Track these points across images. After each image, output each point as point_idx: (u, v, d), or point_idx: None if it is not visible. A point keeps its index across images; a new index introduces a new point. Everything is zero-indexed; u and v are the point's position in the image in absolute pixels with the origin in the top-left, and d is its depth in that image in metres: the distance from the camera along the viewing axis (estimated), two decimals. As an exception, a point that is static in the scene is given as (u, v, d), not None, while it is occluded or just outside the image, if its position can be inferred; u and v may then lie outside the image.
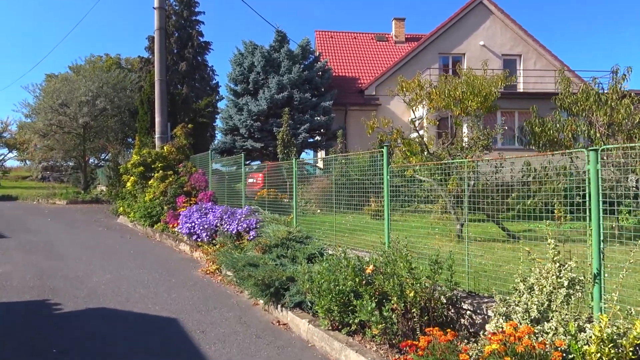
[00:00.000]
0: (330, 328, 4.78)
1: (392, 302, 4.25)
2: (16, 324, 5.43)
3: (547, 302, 3.56)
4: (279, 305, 5.72)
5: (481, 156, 12.36)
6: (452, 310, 4.58)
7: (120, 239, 11.96)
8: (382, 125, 10.18)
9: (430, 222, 9.09)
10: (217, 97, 32.85)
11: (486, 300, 4.47)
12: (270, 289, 5.65)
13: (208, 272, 8.12)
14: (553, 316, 3.45)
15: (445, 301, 4.43)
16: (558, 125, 10.50)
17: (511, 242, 9.09)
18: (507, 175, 11.11)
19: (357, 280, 4.57)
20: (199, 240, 9.55)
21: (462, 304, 4.51)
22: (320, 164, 19.12)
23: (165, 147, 14.78)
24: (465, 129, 16.90)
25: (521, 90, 23.53)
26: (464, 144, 12.18)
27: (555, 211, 10.20)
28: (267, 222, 8.43)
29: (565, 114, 10.82)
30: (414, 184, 9.01)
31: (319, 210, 10.86)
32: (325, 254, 6.79)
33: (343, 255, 4.97)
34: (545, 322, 3.46)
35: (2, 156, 45.89)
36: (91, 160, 33.81)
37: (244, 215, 9.13)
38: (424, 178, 9.29)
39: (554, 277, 3.59)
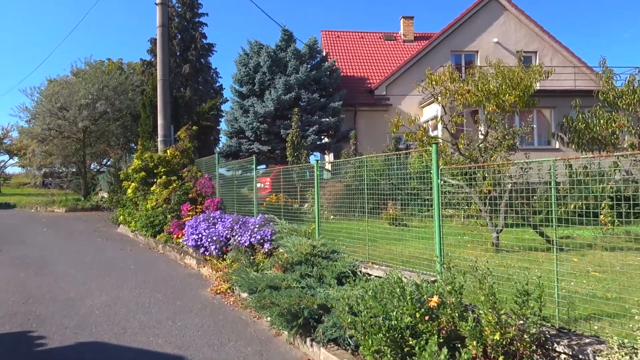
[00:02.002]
0: (379, 374, 3.77)
1: (470, 346, 3.23)
2: (-12, 366, 4.44)
3: None
4: (308, 339, 4.70)
5: (507, 157, 11.38)
6: (539, 352, 3.55)
7: (119, 251, 10.96)
8: (408, 124, 9.17)
9: (455, 228, 8.08)
10: (221, 99, 31.90)
11: (588, 340, 3.43)
12: (298, 319, 4.63)
13: (218, 291, 7.10)
14: None
15: (529, 340, 3.41)
16: (602, 121, 9.50)
17: (554, 251, 8.09)
18: (546, 178, 10.08)
19: (417, 315, 3.55)
20: (207, 254, 8.54)
21: (554, 344, 3.48)
22: (328, 167, 18.15)
23: (168, 151, 13.79)
24: (481, 128, 15.92)
25: (538, 88, 22.55)
26: (487, 144, 11.21)
27: (601, 216, 9.15)
28: (284, 233, 7.42)
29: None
30: (454, 187, 8.01)
31: (332, 217, 9.92)
32: (357, 272, 5.78)
33: (394, 279, 3.95)
34: None
35: (3, 163, 45.12)
36: (93, 166, 32.94)
37: (257, 226, 8.12)
38: (454, 181, 8.28)
39: None
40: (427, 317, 3.56)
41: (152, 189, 13.17)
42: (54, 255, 10.19)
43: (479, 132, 15.16)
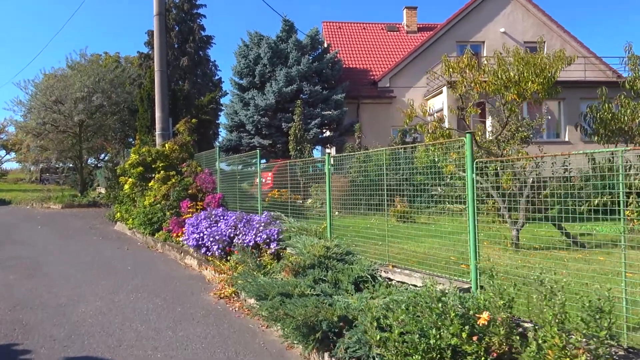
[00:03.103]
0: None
1: (531, 375, 2.69)
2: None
3: None
4: (327, 354, 4.16)
5: (519, 150, 10.84)
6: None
7: (116, 250, 10.40)
8: (423, 115, 8.61)
9: (466, 224, 7.54)
10: (221, 93, 31.25)
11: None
12: (316, 333, 4.08)
13: (222, 296, 6.55)
14: None
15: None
16: (628, 111, 8.95)
17: (575, 249, 7.59)
18: (571, 172, 9.55)
19: (463, 334, 3.01)
20: (209, 254, 7.99)
21: (625, 369, 2.94)
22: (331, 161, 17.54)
23: (166, 145, 13.20)
24: (488, 122, 15.35)
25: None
26: (500, 137, 10.68)
27: (627, 212, 8.59)
28: (292, 232, 6.87)
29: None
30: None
31: (337, 213, 9.39)
32: (377, 277, 5.23)
33: (431, 291, 3.40)
34: None
35: (-1, 158, 44.47)
36: (90, 161, 32.29)
37: (262, 224, 7.57)
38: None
39: None
40: (475, 337, 3.01)
41: (150, 184, 12.60)
42: (47, 256, 9.63)
43: (485, 124, 14.60)
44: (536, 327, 2.91)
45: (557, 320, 2.73)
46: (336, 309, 4.16)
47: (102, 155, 31.48)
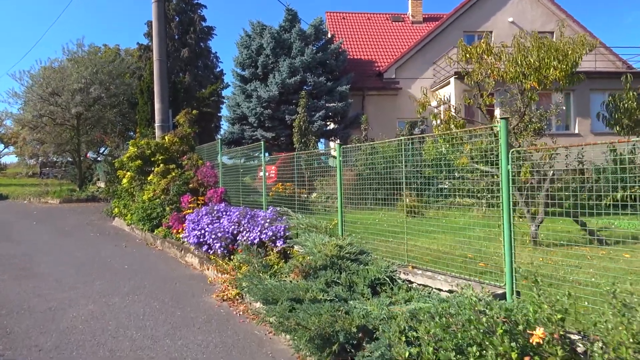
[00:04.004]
0: None
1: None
2: None
3: None
4: (344, 369, 3.69)
5: (533, 142, 10.34)
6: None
7: (114, 247, 9.94)
8: (438, 104, 8.10)
9: (476, 219, 7.06)
10: (222, 85, 30.66)
11: None
12: (332, 345, 3.61)
13: (225, 298, 6.08)
14: None
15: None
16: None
17: (595, 245, 7.12)
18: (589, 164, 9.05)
19: (513, 356, 2.52)
20: (211, 252, 7.51)
21: None
22: (333, 154, 17.05)
23: (166, 137, 12.70)
24: (497, 113, 14.80)
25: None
26: (515, 128, 10.17)
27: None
28: (301, 229, 6.38)
29: None
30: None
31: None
32: (396, 279, 4.75)
33: (472, 299, 2.91)
34: None
35: (-3, 152, 44.01)
36: (90, 155, 31.77)
37: (267, 220, 7.08)
38: (485, 168, 7.23)
39: None
40: (526, 359, 2.52)
41: (149, 178, 12.11)
42: (41, 254, 9.17)
43: (493, 115, 14.02)
44: (603, 347, 2.42)
45: (635, 341, 2.25)
46: (354, 318, 3.68)
47: (102, 149, 31.01)
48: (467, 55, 8.03)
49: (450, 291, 4.14)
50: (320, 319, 3.65)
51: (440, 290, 4.29)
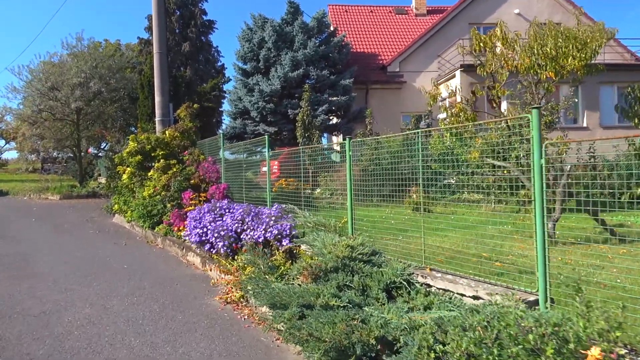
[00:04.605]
0: None
1: None
2: None
3: None
4: (360, 382, 3.37)
5: (544, 135, 10.01)
6: None
7: (113, 246, 9.63)
8: (449, 96, 7.76)
9: (486, 215, 6.72)
10: (224, 79, 30.28)
11: None
12: (349, 359, 3.29)
13: (229, 300, 5.77)
14: None
15: None
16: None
17: (614, 243, 6.82)
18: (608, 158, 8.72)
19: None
20: (214, 251, 7.20)
21: None
22: (336, 149, 16.74)
23: (167, 132, 12.36)
24: (504, 107, 14.42)
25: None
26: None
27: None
28: (308, 228, 6.06)
29: None
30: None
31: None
32: (413, 283, 4.43)
33: (514, 312, 2.58)
34: None
35: (-1, 148, 43.74)
36: (92, 150, 31.45)
37: (272, 218, 6.76)
38: (499, 163, 6.90)
39: None
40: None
41: (149, 174, 11.78)
42: (38, 253, 8.87)
43: (500, 108, 13.64)
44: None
45: None
46: (372, 328, 3.36)
47: (103, 145, 30.69)
48: (481, 44, 7.67)
49: (475, 297, 3.82)
50: (335, 329, 3.34)
51: (462, 295, 3.97)
